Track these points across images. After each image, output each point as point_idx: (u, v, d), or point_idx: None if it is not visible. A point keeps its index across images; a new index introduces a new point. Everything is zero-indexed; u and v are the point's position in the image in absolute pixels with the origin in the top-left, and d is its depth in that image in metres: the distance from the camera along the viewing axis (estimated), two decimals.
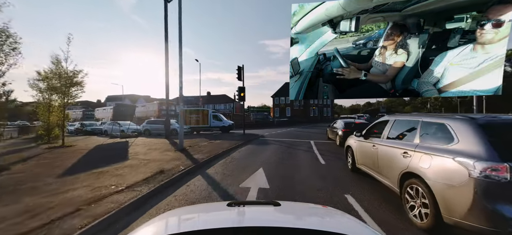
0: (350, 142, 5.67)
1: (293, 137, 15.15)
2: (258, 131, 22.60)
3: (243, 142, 11.93)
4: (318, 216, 1.35)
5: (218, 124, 21.44)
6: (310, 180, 4.99)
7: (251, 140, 13.38)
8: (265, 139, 14.16)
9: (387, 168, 3.67)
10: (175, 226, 1.13)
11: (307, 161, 7.22)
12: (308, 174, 5.48)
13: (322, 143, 11.94)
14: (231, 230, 0.95)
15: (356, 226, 1.13)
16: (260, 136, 15.87)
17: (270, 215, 1.20)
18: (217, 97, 59.06)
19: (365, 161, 4.68)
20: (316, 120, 49.82)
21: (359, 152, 5.02)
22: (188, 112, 21.81)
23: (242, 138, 14.10)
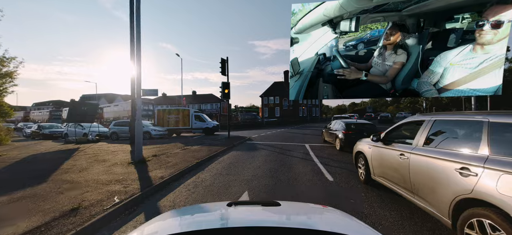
0: (362, 148, 4.73)
1: (285, 140, 13.25)
2: (245, 132, 20.51)
3: (226, 147, 9.79)
4: (318, 216, 1.33)
5: (201, 126, 19.06)
6: None
7: (236, 144, 11.27)
8: (253, 143, 12.11)
9: (429, 190, 2.71)
10: (175, 226, 1.10)
11: (309, 176, 5.29)
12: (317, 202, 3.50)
13: (320, 148, 10.14)
14: (231, 230, 0.97)
15: (356, 226, 1.12)
16: (247, 139, 13.80)
17: (270, 215, 1.20)
18: (203, 97, 56.09)
19: (386, 173, 3.75)
20: (306, 120, 48.75)
21: (377, 161, 4.10)
22: (166, 112, 19.20)
23: (225, 142, 11.95)
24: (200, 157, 7.37)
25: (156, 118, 19.16)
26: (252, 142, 12.75)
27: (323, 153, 8.79)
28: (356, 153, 5.01)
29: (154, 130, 15.79)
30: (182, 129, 19.19)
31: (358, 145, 4.95)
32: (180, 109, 19.41)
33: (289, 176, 5.28)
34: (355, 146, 5.13)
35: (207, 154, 7.93)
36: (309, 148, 10.12)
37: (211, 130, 19.02)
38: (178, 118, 18.98)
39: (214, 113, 52.56)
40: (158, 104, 46.64)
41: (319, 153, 8.65)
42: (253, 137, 15.22)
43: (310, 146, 10.77)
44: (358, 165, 4.99)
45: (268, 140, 13.34)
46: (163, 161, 6.85)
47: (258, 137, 15.59)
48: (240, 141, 12.30)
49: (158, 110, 19.57)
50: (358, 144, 4.98)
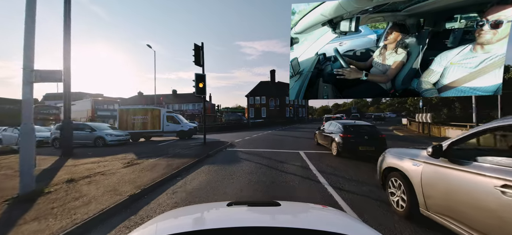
0: (399, 164, 3.32)
1: (274, 146, 10.85)
2: (228, 135, 17.83)
3: (196, 160, 7.12)
4: (318, 216, 1.34)
5: (174, 128, 16.04)
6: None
7: (212, 154, 8.62)
8: (235, 151, 9.54)
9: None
10: (175, 226, 1.07)
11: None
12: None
13: (318, 157, 7.89)
14: (231, 230, 0.96)
15: (356, 226, 1.12)
16: (228, 145, 11.19)
17: (270, 215, 1.19)
18: (185, 96, 52.15)
19: (459, 212, 2.44)
20: (293, 121, 47.17)
21: (435, 188, 2.71)
22: (131, 112, 15.87)
23: (199, 150, 9.25)
24: (146, 182, 4.67)
25: (118, 120, 15.78)
26: (234, 149, 10.16)
27: (325, 164, 6.54)
28: (386, 169, 3.65)
29: (110, 135, 12.56)
30: (152, 133, 16.02)
31: (389, 159, 3.60)
32: (149, 109, 16.16)
33: None
34: (382, 159, 3.84)
35: (160, 175, 5.23)
36: (306, 157, 7.82)
37: (187, 133, 16.09)
38: (146, 119, 15.77)
39: (197, 114, 49.00)
40: (135, 104, 41.92)
41: (321, 166, 6.37)
42: (235, 142, 12.63)
43: (305, 154, 8.48)
44: (389, 188, 3.56)
45: (254, 146, 10.84)
46: (74, 194, 4.04)
47: (242, 141, 13.03)
48: (218, 149, 9.66)
49: (121, 110, 16.14)
50: (388, 156, 3.68)
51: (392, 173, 3.48)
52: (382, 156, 3.90)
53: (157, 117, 15.84)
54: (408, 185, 3.08)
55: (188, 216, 1.27)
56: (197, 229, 0.93)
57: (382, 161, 3.80)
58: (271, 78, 51.18)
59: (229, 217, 1.19)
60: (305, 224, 1.12)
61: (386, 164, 3.62)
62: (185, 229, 0.91)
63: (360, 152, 7.29)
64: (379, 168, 3.89)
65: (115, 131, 13.49)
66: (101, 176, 5.18)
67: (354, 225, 1.13)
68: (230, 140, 13.81)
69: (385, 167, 3.65)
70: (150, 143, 13.44)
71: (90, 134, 12.48)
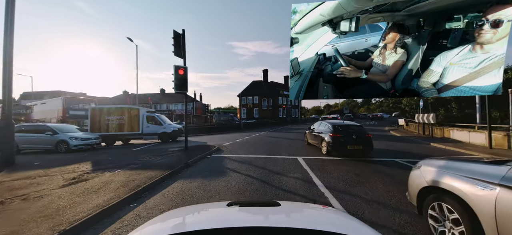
0: (455, 185, 2.34)
1: (268, 150, 9.44)
2: (218, 137, 16.24)
3: (169, 172, 5.57)
4: (318, 216, 1.32)
5: (155, 130, 14.29)
6: None
7: (193, 163, 7.08)
8: (221, 158, 8.04)
9: None
10: (175, 226, 1.07)
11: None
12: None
13: (320, 163, 6.58)
14: (231, 230, 0.96)
15: (356, 226, 1.12)
16: (214, 150, 9.66)
17: (270, 215, 1.19)
18: (174, 95, 49.78)
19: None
20: (286, 121, 46.10)
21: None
22: (105, 112, 13.95)
23: (177, 157, 7.69)
24: (76, 216, 3.10)
25: (90, 120, 13.82)
26: (221, 155, 8.65)
27: (332, 176, 5.23)
28: (425, 190, 2.67)
29: (75, 139, 10.70)
30: (129, 135, 14.21)
31: (431, 175, 2.60)
32: (126, 108, 14.28)
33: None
34: (418, 174, 2.85)
35: (106, 201, 3.66)
36: (306, 165, 6.47)
37: (170, 135, 14.39)
38: (123, 120, 13.91)
39: (187, 114, 46.92)
40: (119, 104, 39.25)
41: (327, 179, 5.04)
42: (224, 146, 11.11)
43: (305, 161, 7.14)
44: (430, 216, 2.59)
45: (245, 151, 9.37)
46: None
47: (232, 145, 11.52)
48: (201, 155, 8.12)
49: (93, 109, 14.12)
50: (428, 171, 2.68)
51: (436, 195, 2.54)
52: (418, 170, 2.93)
53: (136, 117, 14.04)
54: (468, 215, 2.17)
55: (188, 216, 1.26)
56: (197, 229, 0.93)
57: (418, 177, 2.83)
58: (264, 77, 49.91)
59: (229, 217, 1.20)
60: (305, 224, 1.11)
61: (426, 181, 2.67)
62: (185, 229, 0.93)
63: (348, 150, 7.60)
64: (412, 187, 2.92)
65: (83, 134, 11.62)
66: (19, 203, 3.55)
67: (354, 225, 1.13)
68: (218, 143, 12.27)
69: (423, 187, 2.69)
70: (125, 148, 11.67)
71: (51, 138, 10.56)
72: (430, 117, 14.12)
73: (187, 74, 8.56)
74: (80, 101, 19.22)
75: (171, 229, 0.94)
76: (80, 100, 19.67)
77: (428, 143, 11.67)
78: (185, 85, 8.45)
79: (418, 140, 13.09)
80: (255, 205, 1.38)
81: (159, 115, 15.13)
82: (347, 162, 6.90)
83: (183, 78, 8.42)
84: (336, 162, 6.91)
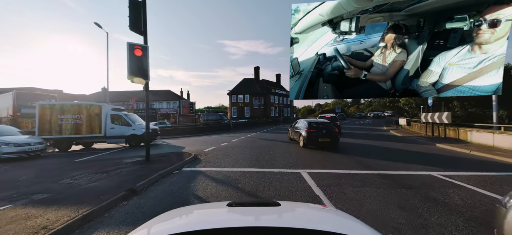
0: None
1: (261, 159, 7.20)
2: (201, 140, 13.76)
3: (88, 210, 3.25)
4: (318, 216, 1.32)
5: (121, 132, 11.67)
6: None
7: (141, 189, 4.69)
8: (194, 174, 5.70)
9: None
10: (175, 226, 1.07)
11: None
12: None
13: (335, 180, 4.44)
14: (231, 230, 0.95)
15: (356, 226, 1.11)
16: (188, 160, 7.29)
17: (270, 215, 1.19)
18: (158, 93, 46.36)
19: None
20: (278, 121, 44.17)
21: None
22: (57, 110, 11.14)
23: (125, 175, 5.29)
24: None
25: (38, 120, 10.96)
26: (196, 169, 6.29)
27: (359, 206, 3.04)
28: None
29: (5, 145, 8.00)
30: (89, 139, 11.49)
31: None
32: (84, 105, 11.48)
33: None
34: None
35: None
36: (316, 187, 4.31)
37: (140, 138, 11.80)
38: (80, 120, 11.17)
39: (172, 113, 43.79)
40: (98, 101, 35.54)
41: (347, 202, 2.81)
42: (204, 153, 8.74)
43: (312, 177, 5.01)
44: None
45: (230, 162, 7.06)
46: None
47: (215, 151, 9.16)
48: (167, 169, 5.75)
49: (42, 106, 11.22)
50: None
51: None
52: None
53: (97, 116, 11.35)
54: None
55: (188, 216, 1.26)
56: (197, 229, 0.92)
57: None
58: (255, 75, 47.65)
59: (229, 217, 1.19)
60: (305, 224, 1.10)
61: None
62: (185, 229, 0.92)
63: (319, 142, 8.97)
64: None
65: (20, 138, 8.85)
66: None
67: (354, 225, 1.12)
68: (198, 148, 9.87)
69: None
70: (70, 156, 9.06)
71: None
72: (443, 116, 12.48)
73: (147, 57, 6.15)
74: (37, 97, 15.99)
75: (171, 229, 0.94)
76: (37, 96, 16.42)
77: (440, 146, 9.97)
78: (143, 71, 6.03)
79: (423, 141, 11.59)
80: (255, 205, 1.39)
81: (128, 114, 12.47)
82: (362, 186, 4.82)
83: (141, 62, 5.99)
84: (363, 187, 4.78)
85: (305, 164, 6.43)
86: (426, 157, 7.65)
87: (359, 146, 10.06)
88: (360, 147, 9.90)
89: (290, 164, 6.44)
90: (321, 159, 7.11)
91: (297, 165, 6.36)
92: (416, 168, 6.02)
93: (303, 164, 6.49)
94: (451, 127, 12.88)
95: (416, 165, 6.31)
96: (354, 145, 10.45)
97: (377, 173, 5.47)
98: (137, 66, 5.95)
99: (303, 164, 6.42)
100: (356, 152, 8.57)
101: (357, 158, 7.37)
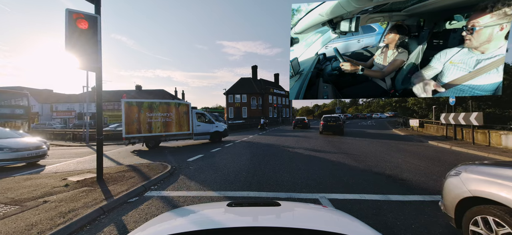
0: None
1: (261, 176, 6.10)
2: (188, 146, 12.37)
3: None
4: (318, 216, 1.31)
5: (207, 129, 13.02)
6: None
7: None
8: (161, 204, 4.42)
9: None
10: (175, 226, 1.08)
11: None
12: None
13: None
14: (231, 230, 0.94)
15: (356, 226, 1.10)
16: (160, 176, 6.09)
17: (270, 215, 1.19)
18: (151, 93, 44.89)
19: None
20: (277, 122, 43.14)
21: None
22: (145, 108, 10.90)
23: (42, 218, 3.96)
24: None
25: (124, 119, 10.37)
26: (166, 194, 4.72)
27: None
28: (467, 201, 2.33)
29: (2, 150, 7.06)
30: (178, 136, 12.01)
31: (475, 184, 2.26)
32: (173, 104, 11.65)
33: None
34: (455, 183, 2.45)
35: None
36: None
37: (221, 135, 13.63)
38: (170, 118, 11.48)
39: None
40: (90, 102, 33.72)
41: None
42: (186, 164, 7.52)
43: (331, 202, 3.82)
44: (477, 234, 2.21)
45: (218, 180, 5.78)
46: None
47: (201, 161, 7.93)
48: (126, 192, 4.50)
49: (127, 103, 10.50)
50: (470, 179, 2.31)
51: (482, 208, 2.17)
52: (457, 177, 2.44)
53: (185, 114, 12.06)
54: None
55: (188, 216, 1.25)
56: (197, 229, 0.92)
57: (457, 185, 2.38)
58: (253, 74, 46.53)
59: (229, 217, 1.19)
60: (305, 224, 1.10)
61: (468, 191, 2.27)
62: (185, 229, 0.92)
63: (329, 127, 16.81)
64: (450, 197, 2.48)
65: (17, 142, 7.74)
66: None
67: (354, 225, 1.12)
68: (182, 158, 8.55)
69: (464, 197, 2.29)
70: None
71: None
72: (471, 117, 10.96)
73: (97, 32, 4.61)
74: (7, 95, 14.57)
75: (171, 229, 0.94)
76: (11, 94, 15.01)
77: (485, 156, 8.78)
78: (90, 52, 4.53)
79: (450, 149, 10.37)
80: (256, 205, 1.38)
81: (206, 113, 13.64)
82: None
83: (87, 39, 4.52)
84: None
85: (321, 185, 5.23)
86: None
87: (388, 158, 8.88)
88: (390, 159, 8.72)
89: (302, 185, 5.23)
90: (341, 175, 5.91)
91: (313, 187, 5.15)
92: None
93: (318, 184, 5.31)
94: (479, 130, 11.45)
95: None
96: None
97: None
98: (80, 44, 4.37)
99: (318, 184, 5.24)
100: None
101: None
